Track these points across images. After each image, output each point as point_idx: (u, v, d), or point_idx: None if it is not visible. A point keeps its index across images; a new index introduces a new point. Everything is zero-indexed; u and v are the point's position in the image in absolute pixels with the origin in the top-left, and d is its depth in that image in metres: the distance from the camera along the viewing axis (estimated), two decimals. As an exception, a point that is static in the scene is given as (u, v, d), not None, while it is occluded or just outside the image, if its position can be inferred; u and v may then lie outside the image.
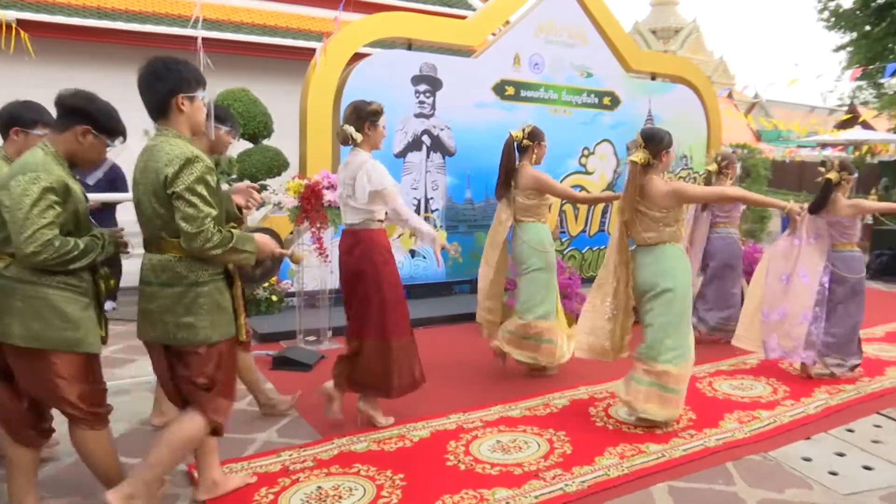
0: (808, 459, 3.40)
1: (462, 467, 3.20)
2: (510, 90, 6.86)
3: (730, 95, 23.89)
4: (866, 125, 20.55)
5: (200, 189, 2.43)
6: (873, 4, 16.84)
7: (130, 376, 4.43)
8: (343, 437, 3.52)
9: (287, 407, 3.85)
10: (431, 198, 6.56)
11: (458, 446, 3.43)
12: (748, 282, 5.11)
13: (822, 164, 4.63)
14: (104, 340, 2.61)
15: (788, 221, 4.43)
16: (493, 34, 7.34)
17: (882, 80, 16.96)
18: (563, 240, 7.33)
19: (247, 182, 4.16)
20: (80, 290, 2.51)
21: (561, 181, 6.95)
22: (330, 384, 3.66)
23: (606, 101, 7.54)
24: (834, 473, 3.26)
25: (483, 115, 6.66)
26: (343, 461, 3.24)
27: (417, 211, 6.38)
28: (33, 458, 2.65)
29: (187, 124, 2.56)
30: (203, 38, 4.77)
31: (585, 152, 7.43)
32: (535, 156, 4.51)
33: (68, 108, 2.50)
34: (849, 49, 18.08)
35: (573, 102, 7.29)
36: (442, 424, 3.70)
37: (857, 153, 16.29)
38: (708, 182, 5.47)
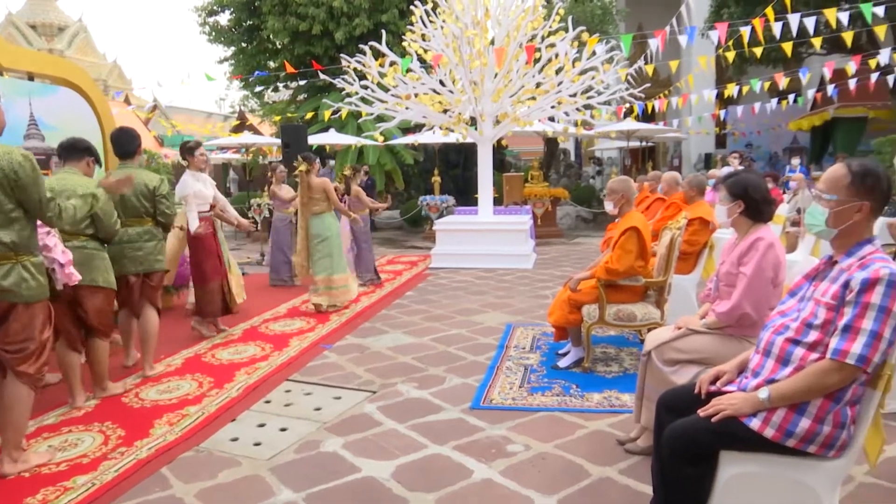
0: (235, 439, 3.69)
1: None
2: None
3: (127, 100, 23.45)
4: (254, 129, 23.13)
5: (169, 194, 4.90)
6: (245, 25, 18.88)
7: None
8: None
9: None
10: None
11: None
12: None
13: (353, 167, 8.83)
14: None
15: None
16: None
17: (259, 90, 19.17)
18: None
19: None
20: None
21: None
22: None
23: (-26, 102, 6.43)
24: (258, 444, 3.61)
25: None
26: None
27: None
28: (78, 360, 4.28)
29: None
30: None
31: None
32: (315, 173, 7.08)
33: (81, 148, 4.43)
34: (231, 62, 19.85)
35: (-76, 103, 5.97)
36: None
37: (249, 155, 18.18)
38: None
